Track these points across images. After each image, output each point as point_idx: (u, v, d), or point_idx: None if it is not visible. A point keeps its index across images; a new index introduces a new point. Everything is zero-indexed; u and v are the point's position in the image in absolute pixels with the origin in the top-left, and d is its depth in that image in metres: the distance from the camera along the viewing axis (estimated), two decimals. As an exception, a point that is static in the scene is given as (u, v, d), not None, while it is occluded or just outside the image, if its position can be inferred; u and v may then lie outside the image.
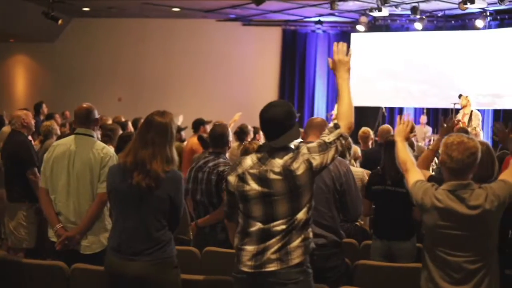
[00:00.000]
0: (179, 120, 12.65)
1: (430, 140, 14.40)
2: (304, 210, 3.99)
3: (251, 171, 4.01)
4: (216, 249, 5.55)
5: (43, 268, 5.11)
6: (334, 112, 15.21)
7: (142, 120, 4.79)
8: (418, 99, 18.50)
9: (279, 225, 3.94)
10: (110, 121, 10.94)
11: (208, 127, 10.64)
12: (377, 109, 16.92)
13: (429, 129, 16.26)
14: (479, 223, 3.88)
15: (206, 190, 6.01)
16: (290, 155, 3.97)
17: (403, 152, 4.38)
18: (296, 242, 3.95)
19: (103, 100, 17.39)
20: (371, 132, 10.42)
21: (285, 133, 4.01)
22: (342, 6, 16.24)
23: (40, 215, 6.92)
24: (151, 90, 19.27)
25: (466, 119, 13.73)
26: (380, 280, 5.10)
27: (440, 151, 4.05)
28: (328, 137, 4.03)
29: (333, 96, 19.53)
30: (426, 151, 5.23)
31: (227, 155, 6.48)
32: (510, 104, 16.81)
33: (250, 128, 9.99)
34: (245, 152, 6.25)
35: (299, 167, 3.92)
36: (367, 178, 7.26)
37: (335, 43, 4.33)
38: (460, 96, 14.41)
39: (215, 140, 6.34)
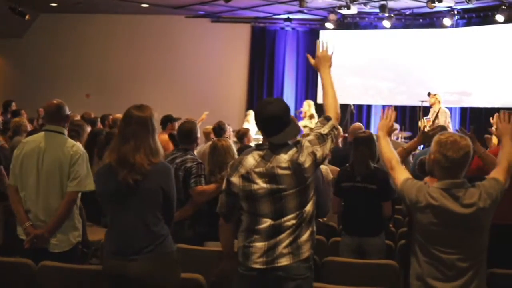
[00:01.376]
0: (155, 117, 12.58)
1: (398, 138, 14.45)
2: (311, 202, 4.07)
3: (257, 169, 4.03)
4: (183, 246, 5.52)
5: (10, 265, 5.03)
6: (303, 109, 15.23)
7: (111, 117, 4.75)
8: (386, 96, 18.59)
9: (289, 220, 3.99)
10: (78, 118, 10.84)
11: (177, 124, 10.62)
12: (345, 106, 16.96)
13: (397, 126, 16.32)
14: (473, 221, 3.91)
15: (174, 186, 6.00)
16: (294, 149, 4.03)
17: (388, 149, 4.38)
18: (306, 235, 4.02)
19: (70, 96, 17.13)
20: (340, 129, 10.45)
21: (285, 129, 4.05)
22: (311, 3, 16.26)
23: (7, 213, 6.84)
24: (119, 87, 19.15)
25: (434, 117, 13.84)
26: (349, 277, 5.11)
27: (431, 150, 4.06)
28: (323, 129, 4.15)
29: (302, 93, 19.57)
30: (400, 149, 5.26)
31: (195, 152, 6.47)
32: (477, 102, 16.96)
33: (227, 125, 9.97)
34: (214, 149, 6.24)
35: (306, 160, 3.99)
36: (331, 175, 7.31)
37: (318, 40, 4.53)
38: (429, 94, 14.50)
39: (183, 136, 6.33)
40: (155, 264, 4.25)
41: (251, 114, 14.73)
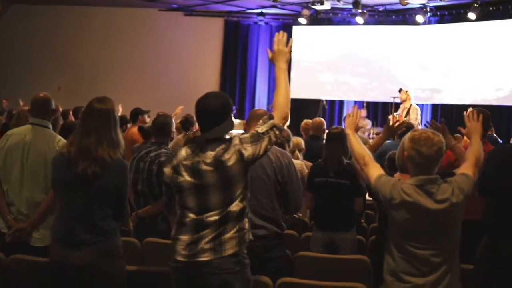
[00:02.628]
0: (119, 110, 12.55)
1: (369, 134, 14.52)
2: (238, 201, 4.01)
3: (185, 162, 4.01)
4: (156, 240, 5.52)
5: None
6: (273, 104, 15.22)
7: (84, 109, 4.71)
8: (359, 92, 18.65)
9: (212, 216, 3.95)
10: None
11: (147, 117, 10.60)
12: (318, 101, 17.01)
13: (368, 122, 16.40)
14: (446, 217, 3.95)
15: (147, 180, 6.00)
16: (223, 146, 3.98)
17: (358, 146, 4.38)
18: (230, 233, 3.97)
19: (42, 89, 16.93)
20: (287, 129, 10.48)
21: (218, 125, 4.03)
22: (284, -2, 16.30)
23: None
24: (91, 79, 19.00)
25: (405, 113, 13.92)
26: (320, 271, 5.12)
27: (405, 146, 4.09)
28: (261, 128, 4.05)
29: (275, 88, 19.47)
30: (367, 146, 5.28)
31: (170, 145, 6.45)
32: (448, 99, 17.08)
33: (195, 119, 9.96)
34: (187, 142, 6.23)
35: (230, 158, 3.94)
36: (306, 170, 7.32)
37: (277, 33, 4.41)
38: (400, 90, 14.58)
39: (158, 130, 6.30)
40: (96, 257, 4.22)
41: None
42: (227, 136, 4.08)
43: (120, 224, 4.54)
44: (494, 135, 12.20)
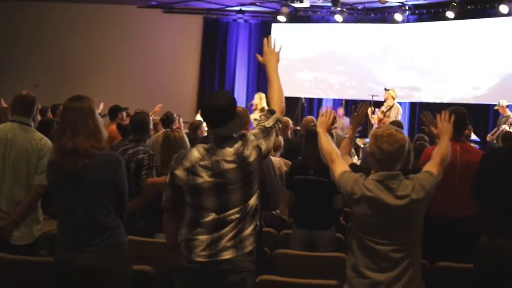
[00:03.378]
0: (100, 108, 12.50)
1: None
2: (255, 196, 4.10)
3: (202, 163, 4.02)
4: (134, 238, 5.49)
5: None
6: (254, 102, 15.24)
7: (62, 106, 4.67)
8: (337, 90, 18.72)
9: (233, 214, 4.00)
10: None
11: (125, 114, 10.56)
12: (296, 99, 17.01)
13: (347, 120, 16.45)
14: (406, 213, 3.97)
15: (125, 177, 5.97)
16: (240, 142, 4.05)
17: (327, 143, 4.44)
18: (249, 229, 4.05)
19: (19, 86, 16.81)
20: (290, 122, 10.50)
21: (231, 121, 4.07)
22: (264, -4, 16.30)
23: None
24: (70, 77, 18.85)
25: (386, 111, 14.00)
26: (299, 269, 5.13)
27: (369, 142, 4.13)
28: (268, 122, 4.22)
29: (253, 86, 19.58)
30: (345, 140, 5.30)
31: (148, 142, 6.44)
32: (426, 98, 17.17)
33: (176, 115, 9.94)
34: (167, 139, 6.21)
35: (251, 154, 4.02)
36: (285, 167, 7.32)
37: (265, 39, 4.62)
38: (385, 89, 14.63)
39: (136, 127, 6.29)
40: (104, 256, 4.20)
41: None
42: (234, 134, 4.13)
43: (123, 219, 4.50)
44: (473, 134, 12.25)
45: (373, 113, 14.16)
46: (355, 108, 5.54)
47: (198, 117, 13.84)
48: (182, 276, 4.12)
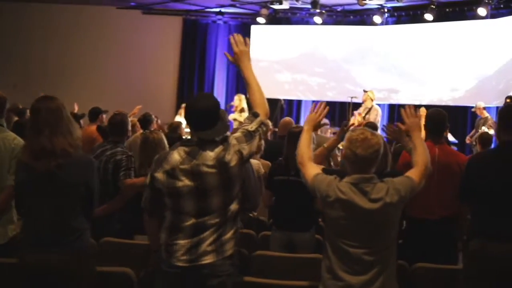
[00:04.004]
0: (75, 109, 12.48)
1: (325, 134, 14.56)
2: (236, 201, 4.05)
3: (182, 166, 3.97)
4: (112, 239, 5.47)
5: None
6: (234, 103, 15.25)
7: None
8: (316, 92, 18.74)
9: (213, 218, 3.96)
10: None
11: (105, 117, 10.53)
12: (275, 101, 17.02)
13: (327, 122, 16.48)
14: (379, 216, 3.95)
15: (103, 179, 5.94)
16: (221, 147, 3.98)
17: (305, 145, 4.41)
18: (230, 233, 4.01)
19: (-1, 86, 16.81)
20: (270, 124, 10.47)
21: (216, 125, 4.02)
22: (243, -3, 16.30)
23: None
24: (49, 77, 18.73)
25: (365, 113, 14.05)
26: (278, 271, 5.12)
27: (343, 145, 4.12)
28: (251, 126, 4.13)
29: (233, 87, 19.57)
30: (321, 148, 5.30)
31: (126, 143, 6.42)
32: (404, 99, 17.19)
33: (154, 117, 9.92)
34: (145, 141, 6.20)
35: (232, 159, 3.96)
36: (263, 169, 7.31)
37: (231, 36, 4.41)
38: (364, 91, 14.67)
39: (114, 128, 6.28)
40: (70, 258, 4.16)
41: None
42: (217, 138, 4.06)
43: (89, 221, 4.46)
44: (450, 135, 12.32)
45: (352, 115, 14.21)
46: (346, 124, 5.49)
47: (178, 118, 13.85)
48: (162, 281, 4.08)
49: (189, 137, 4.32)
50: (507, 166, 4.78)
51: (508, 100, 11.70)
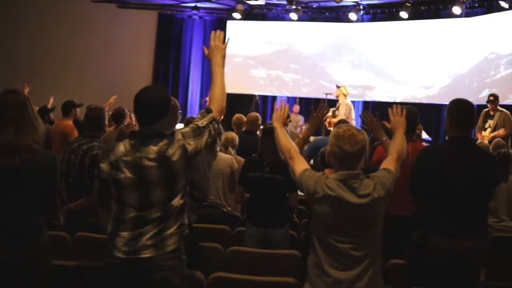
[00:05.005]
0: (50, 102, 12.39)
1: (301, 129, 14.62)
2: (180, 195, 4.01)
3: (125, 158, 3.96)
4: (87, 234, 5.46)
5: None
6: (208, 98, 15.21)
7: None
8: (291, 88, 18.79)
9: (154, 212, 3.93)
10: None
11: (79, 111, 10.47)
12: (251, 96, 17.05)
13: (301, 118, 16.54)
14: (368, 211, 3.99)
15: (79, 173, 5.93)
16: (165, 141, 3.96)
17: (285, 139, 4.42)
18: (172, 229, 3.97)
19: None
20: (245, 119, 10.50)
21: (160, 120, 4.01)
22: (219, -8, 16.29)
23: None
24: (23, 70, 18.48)
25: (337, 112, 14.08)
26: (253, 266, 5.14)
27: (329, 142, 4.14)
28: (201, 122, 4.12)
29: (208, 82, 19.51)
30: (297, 139, 5.32)
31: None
32: (379, 97, 17.34)
33: (127, 111, 9.88)
34: (121, 136, 6.18)
35: (174, 153, 3.94)
36: (236, 165, 7.32)
37: (213, 32, 4.50)
38: (337, 86, 14.73)
39: (91, 123, 6.24)
40: (25, 253, 4.10)
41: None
42: (166, 131, 4.05)
43: (50, 218, 4.44)
44: (424, 132, 12.40)
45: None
46: (314, 109, 5.55)
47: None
48: (108, 272, 4.06)
49: None
50: (454, 162, 4.91)
51: (491, 98, 11.82)
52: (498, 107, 11.93)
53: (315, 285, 4.08)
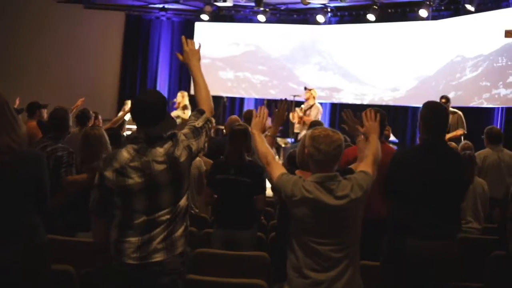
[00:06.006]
0: (16, 103, 12.26)
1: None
2: (185, 197, 4.08)
3: (132, 164, 3.95)
4: (53, 237, 5.39)
5: None
6: (177, 100, 15.19)
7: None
8: (259, 90, 18.80)
9: (164, 215, 3.95)
10: None
11: (44, 111, 10.37)
12: (218, 98, 17.02)
13: (269, 120, 16.52)
14: (346, 212, 4.04)
15: (44, 175, 5.87)
16: (170, 143, 4.00)
17: (263, 146, 4.45)
18: (180, 231, 4.02)
19: None
20: (213, 121, 10.48)
21: (162, 121, 4.02)
22: (187, -6, 16.25)
23: None
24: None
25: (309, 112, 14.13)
26: (220, 268, 5.13)
27: (305, 144, 4.17)
28: (198, 122, 4.20)
29: (175, 84, 19.51)
30: (267, 137, 5.32)
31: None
32: (346, 99, 17.40)
33: (92, 113, 9.81)
34: (86, 137, 6.13)
35: (181, 154, 3.99)
36: (205, 167, 7.32)
37: (183, 36, 4.56)
38: (305, 88, 14.76)
39: (55, 124, 6.21)
40: (23, 255, 4.08)
41: (129, 104, 14.54)
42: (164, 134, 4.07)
43: (44, 217, 4.37)
44: (391, 135, 12.49)
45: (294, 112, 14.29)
46: (276, 106, 5.56)
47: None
48: (113, 278, 4.05)
49: (129, 133, 4.29)
50: (428, 164, 4.96)
51: (443, 100, 11.89)
52: (451, 109, 12.02)
53: (295, 287, 4.10)
